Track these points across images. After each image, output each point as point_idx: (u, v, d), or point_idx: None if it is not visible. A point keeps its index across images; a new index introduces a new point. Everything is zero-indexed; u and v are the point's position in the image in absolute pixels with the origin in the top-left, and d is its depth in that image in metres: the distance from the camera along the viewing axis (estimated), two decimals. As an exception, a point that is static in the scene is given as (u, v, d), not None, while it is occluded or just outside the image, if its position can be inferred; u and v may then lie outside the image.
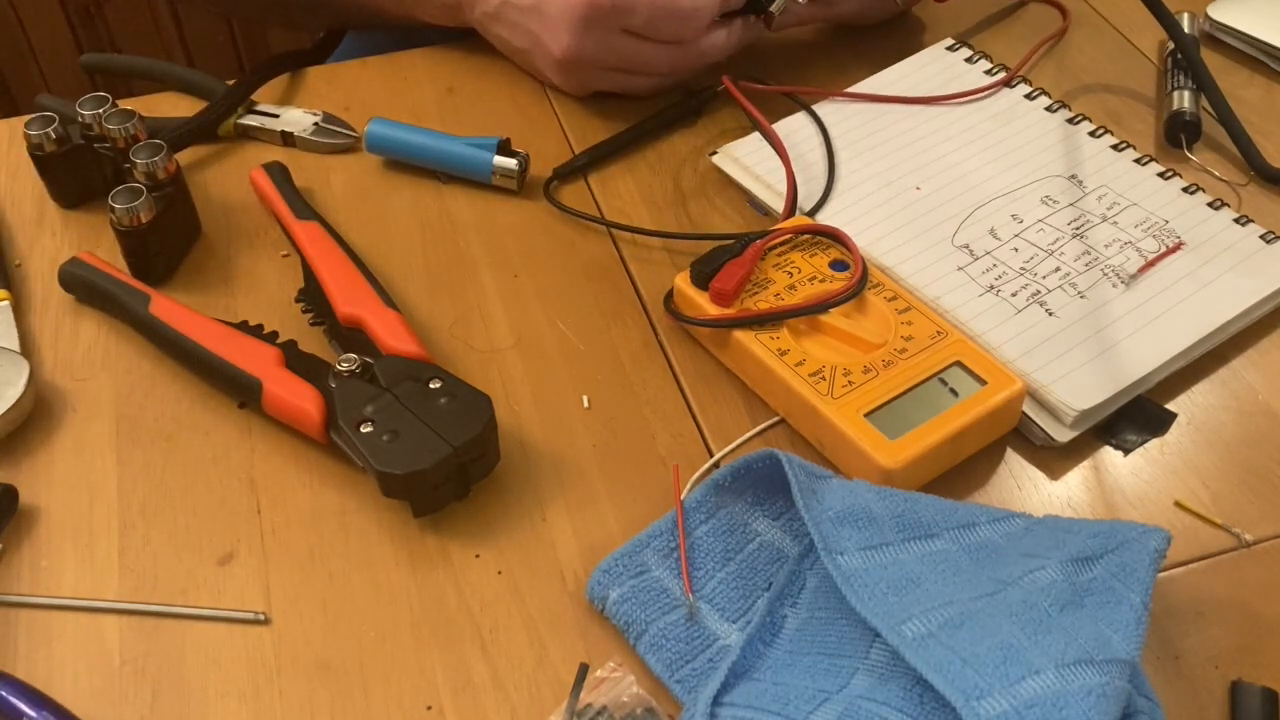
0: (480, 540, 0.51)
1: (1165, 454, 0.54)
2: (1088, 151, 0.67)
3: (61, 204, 0.67)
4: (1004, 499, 0.53)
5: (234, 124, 0.71)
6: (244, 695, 0.46)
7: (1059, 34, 0.78)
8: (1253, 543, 0.51)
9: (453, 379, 0.53)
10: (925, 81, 0.72)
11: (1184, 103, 0.70)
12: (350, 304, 0.57)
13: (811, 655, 0.45)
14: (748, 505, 0.50)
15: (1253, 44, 0.76)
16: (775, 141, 0.66)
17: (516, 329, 0.60)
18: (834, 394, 0.52)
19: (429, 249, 0.65)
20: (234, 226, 0.66)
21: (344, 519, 0.52)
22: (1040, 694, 0.38)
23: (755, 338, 0.55)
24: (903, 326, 0.55)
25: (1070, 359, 0.55)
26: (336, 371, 0.53)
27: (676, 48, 0.69)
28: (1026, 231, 0.62)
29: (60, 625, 0.48)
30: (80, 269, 0.60)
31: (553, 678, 0.47)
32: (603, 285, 0.62)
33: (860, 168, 0.66)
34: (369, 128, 0.68)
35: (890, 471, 0.50)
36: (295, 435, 0.54)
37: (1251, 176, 0.68)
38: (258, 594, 0.49)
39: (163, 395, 0.57)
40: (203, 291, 0.62)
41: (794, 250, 0.59)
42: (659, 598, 0.47)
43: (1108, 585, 0.43)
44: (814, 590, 0.48)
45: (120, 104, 0.65)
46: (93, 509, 0.52)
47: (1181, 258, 0.61)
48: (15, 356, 0.56)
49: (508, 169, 0.66)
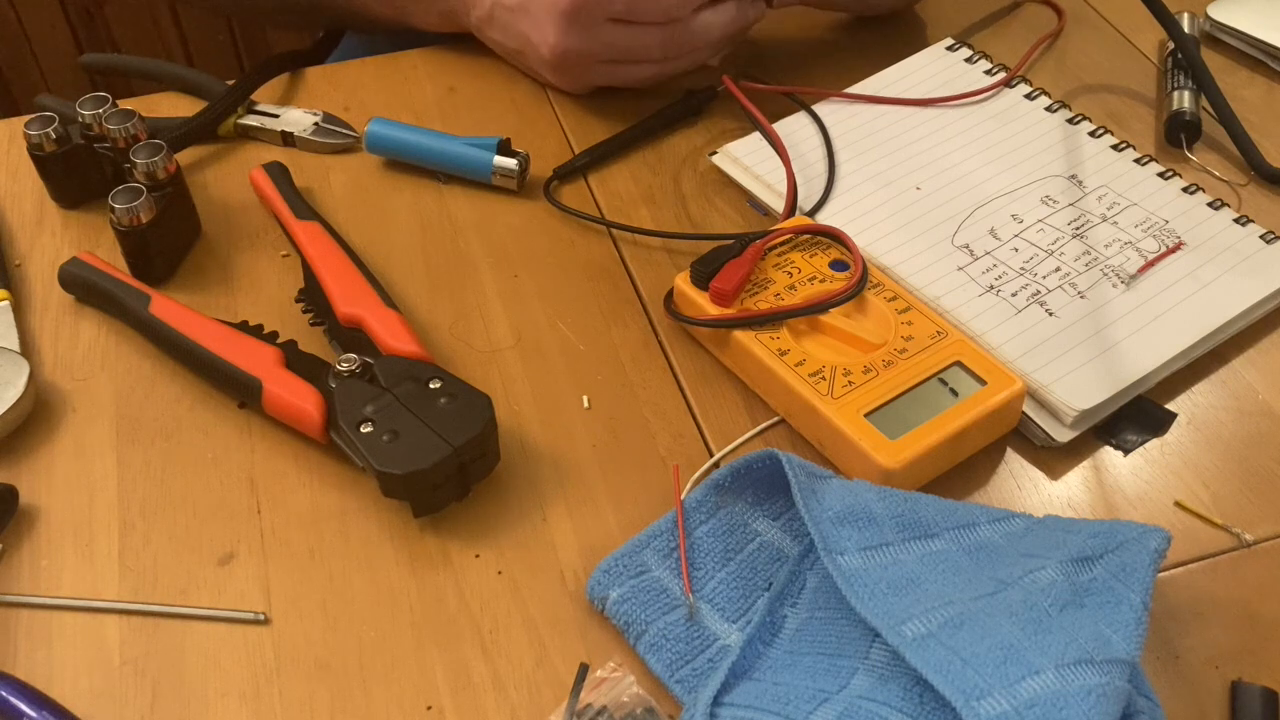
0: (480, 540, 0.51)
1: (1165, 454, 0.54)
2: (1088, 151, 0.67)
3: (61, 204, 0.67)
4: (1004, 499, 0.53)
5: (234, 124, 0.71)
6: (244, 695, 0.46)
7: (1055, 34, 0.78)
8: (1253, 543, 0.51)
9: (453, 379, 0.53)
10: (925, 81, 0.72)
11: (1184, 103, 0.70)
12: (350, 304, 0.57)
13: (811, 655, 0.45)
14: (748, 505, 0.50)
15: (1253, 44, 0.76)
16: (776, 141, 0.66)
17: (516, 329, 0.60)
18: (834, 394, 0.52)
19: (429, 249, 0.65)
20: (234, 226, 0.66)
21: (344, 519, 0.52)
22: (1040, 694, 0.38)
23: (755, 338, 0.55)
24: (903, 326, 0.55)
25: (1070, 359, 0.55)
26: (336, 371, 0.53)
27: (667, 29, 0.68)
28: (1026, 231, 0.62)
29: (60, 625, 0.48)
30: (80, 269, 0.60)
31: (553, 678, 0.47)
32: (603, 285, 0.62)
33: (860, 168, 0.66)
34: (369, 128, 0.68)
35: (890, 471, 0.50)
36: (295, 435, 0.54)
37: (1251, 176, 0.68)
38: (258, 594, 0.49)
39: (163, 395, 0.57)
40: (203, 291, 0.62)
41: (794, 250, 0.59)
42: (659, 598, 0.47)
43: (1108, 585, 0.43)
44: (814, 590, 0.48)
45: (120, 104, 0.65)
46: (93, 509, 0.52)
47: (1181, 258, 0.61)
48: (15, 356, 0.56)
49: (508, 169, 0.66)
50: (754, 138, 0.68)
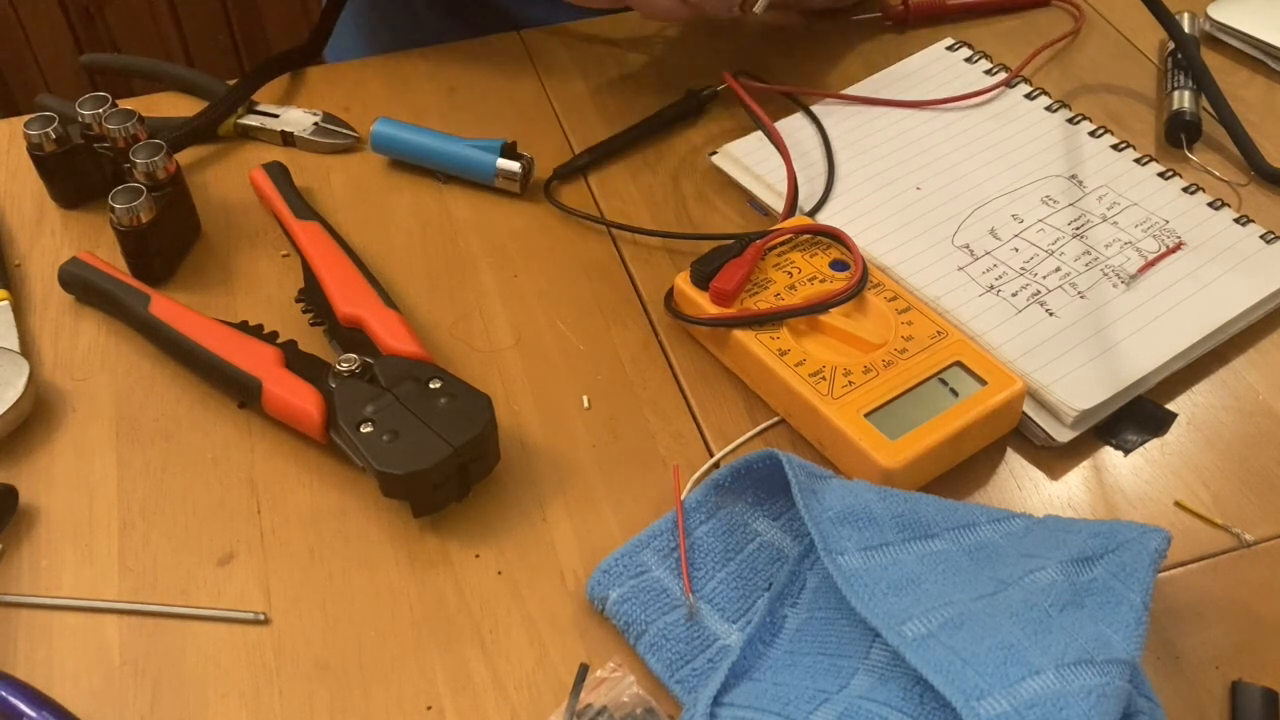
0: (480, 540, 0.51)
1: (1165, 454, 0.54)
2: (1088, 151, 0.67)
3: (61, 204, 0.67)
4: (1004, 499, 0.53)
5: (234, 124, 0.71)
6: (244, 695, 0.46)
7: (1073, 33, 0.77)
8: (1253, 543, 0.51)
9: (453, 379, 0.53)
10: (925, 81, 0.72)
11: (1184, 103, 0.70)
12: (350, 304, 0.57)
13: (811, 655, 0.45)
14: (748, 505, 0.50)
15: (1253, 44, 0.76)
16: (777, 139, 0.66)
17: (516, 329, 0.60)
18: (834, 394, 0.52)
19: (429, 249, 0.65)
20: (234, 226, 0.66)
21: (344, 519, 0.52)
22: (1040, 694, 0.38)
23: (755, 338, 0.55)
24: (903, 326, 0.55)
25: (1070, 359, 0.55)
26: (336, 371, 0.53)
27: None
28: (1027, 231, 0.62)
29: (60, 625, 0.48)
30: (80, 269, 0.60)
31: (553, 678, 0.47)
32: (603, 285, 0.62)
33: (860, 168, 0.66)
34: (374, 127, 0.68)
35: (890, 471, 0.50)
36: (295, 435, 0.54)
37: (1251, 176, 0.68)
38: (257, 594, 0.49)
39: (163, 395, 0.57)
40: (203, 291, 0.62)
41: (794, 250, 0.59)
42: (659, 598, 0.47)
43: (1108, 585, 0.43)
44: (814, 590, 0.48)
45: (120, 104, 0.65)
46: (93, 509, 0.52)
47: (1181, 258, 0.61)
48: (15, 356, 0.56)
49: (510, 172, 0.66)
50: (754, 137, 0.68)
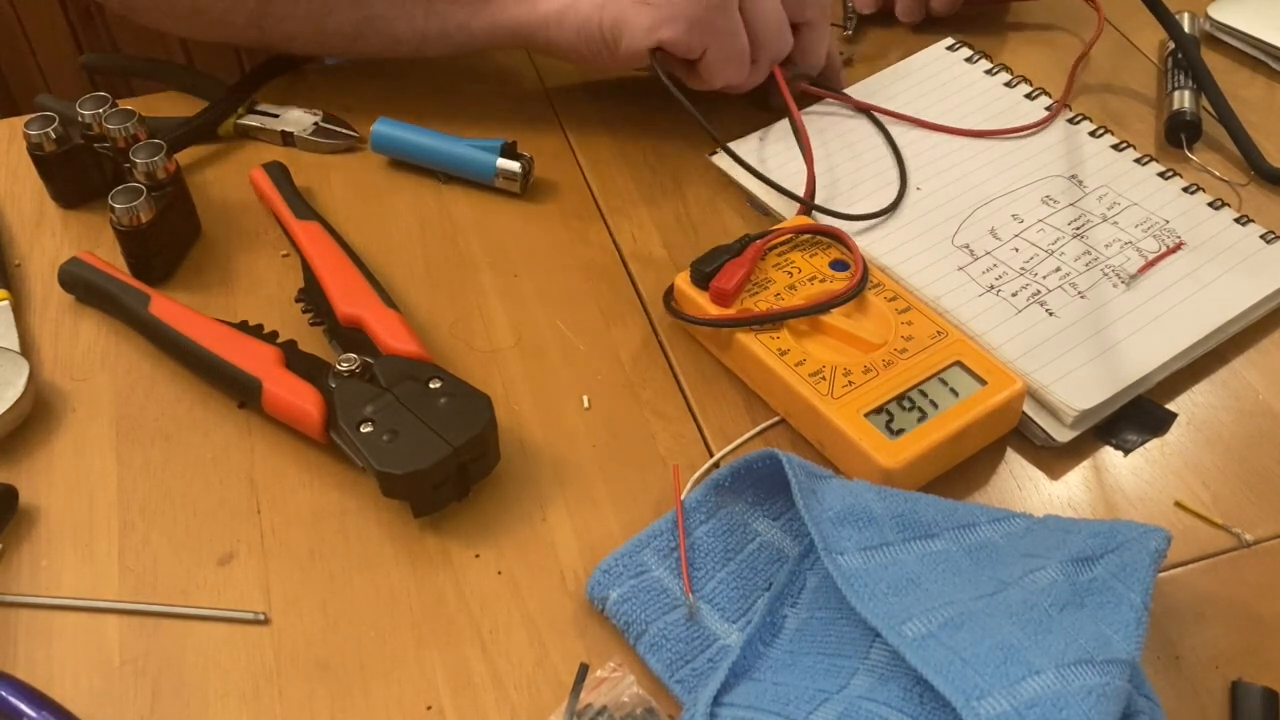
0: (480, 540, 0.51)
1: (1165, 454, 0.54)
2: (1088, 151, 0.67)
3: (61, 204, 0.67)
4: (1004, 499, 0.53)
5: (234, 124, 0.71)
6: (244, 695, 0.46)
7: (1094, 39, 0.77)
8: (1253, 543, 0.51)
9: (452, 379, 0.53)
10: (925, 81, 0.72)
11: (1184, 103, 0.70)
12: (350, 304, 0.57)
13: (811, 655, 0.45)
14: (748, 505, 0.50)
15: (1253, 44, 0.76)
16: (802, 133, 0.65)
17: (516, 329, 0.60)
18: (834, 394, 0.52)
19: (429, 249, 0.64)
20: (234, 226, 0.66)
21: (344, 519, 0.52)
22: (1040, 694, 0.38)
23: (755, 338, 0.55)
24: (903, 326, 0.55)
25: (1070, 359, 0.55)
26: (336, 371, 0.53)
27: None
28: (1027, 231, 0.62)
29: (60, 625, 0.48)
30: (80, 269, 0.60)
31: (553, 678, 0.47)
32: (603, 285, 0.62)
33: (860, 167, 0.66)
34: (375, 127, 0.68)
35: (890, 471, 0.50)
36: (295, 435, 0.54)
37: (1252, 176, 0.68)
38: (258, 594, 0.49)
39: (163, 395, 0.57)
40: (203, 291, 0.62)
41: (794, 250, 0.59)
42: (659, 598, 0.47)
43: (1108, 585, 0.43)
44: (814, 590, 0.48)
45: (120, 104, 0.65)
46: (93, 509, 0.52)
47: (1182, 258, 0.61)
48: (15, 356, 0.56)
49: (511, 172, 0.66)
50: (754, 137, 0.68)
